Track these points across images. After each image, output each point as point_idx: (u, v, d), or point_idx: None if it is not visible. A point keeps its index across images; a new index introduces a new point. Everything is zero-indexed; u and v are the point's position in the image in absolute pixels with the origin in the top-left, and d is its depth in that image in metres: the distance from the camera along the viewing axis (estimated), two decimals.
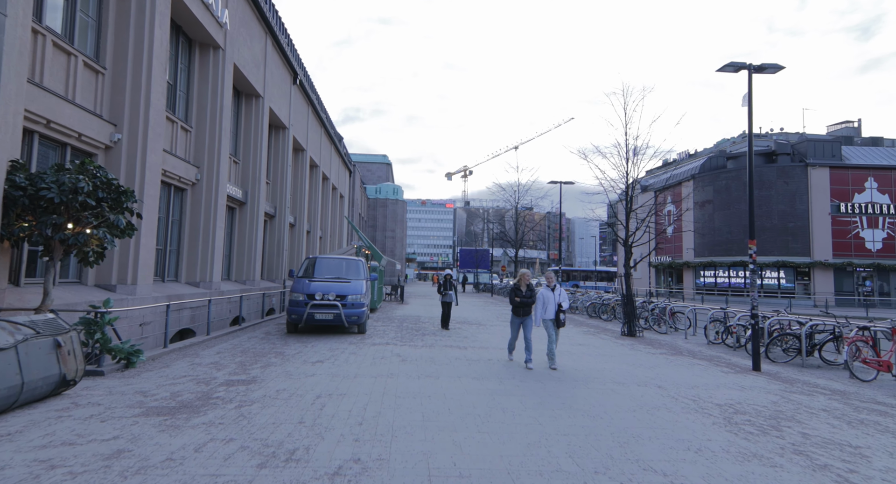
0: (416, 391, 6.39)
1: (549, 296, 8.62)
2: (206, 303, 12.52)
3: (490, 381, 7.22)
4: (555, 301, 8.54)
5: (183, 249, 13.12)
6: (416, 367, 8.15)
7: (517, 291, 8.75)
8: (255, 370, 7.35)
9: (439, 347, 10.53)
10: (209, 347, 9.56)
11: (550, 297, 8.60)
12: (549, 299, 8.59)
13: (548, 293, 8.64)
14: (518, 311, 8.82)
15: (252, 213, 17.23)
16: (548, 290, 8.68)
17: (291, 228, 23.60)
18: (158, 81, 10.52)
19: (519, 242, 29.28)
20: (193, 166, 13.23)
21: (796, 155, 35.90)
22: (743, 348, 11.82)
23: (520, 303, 8.74)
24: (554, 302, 8.54)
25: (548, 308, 8.58)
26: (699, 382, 7.71)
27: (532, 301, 8.74)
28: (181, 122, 12.79)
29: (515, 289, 8.81)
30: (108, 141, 9.60)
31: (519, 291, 8.76)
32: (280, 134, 21.04)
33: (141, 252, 10.06)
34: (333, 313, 11.48)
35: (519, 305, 8.78)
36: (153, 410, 5.11)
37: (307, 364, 7.98)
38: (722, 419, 5.61)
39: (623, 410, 5.85)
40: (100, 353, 6.83)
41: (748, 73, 9.45)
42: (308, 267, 13.04)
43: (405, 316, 17.88)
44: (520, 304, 8.76)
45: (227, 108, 14.35)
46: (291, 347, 9.86)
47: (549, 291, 8.67)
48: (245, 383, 6.46)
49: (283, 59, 20.43)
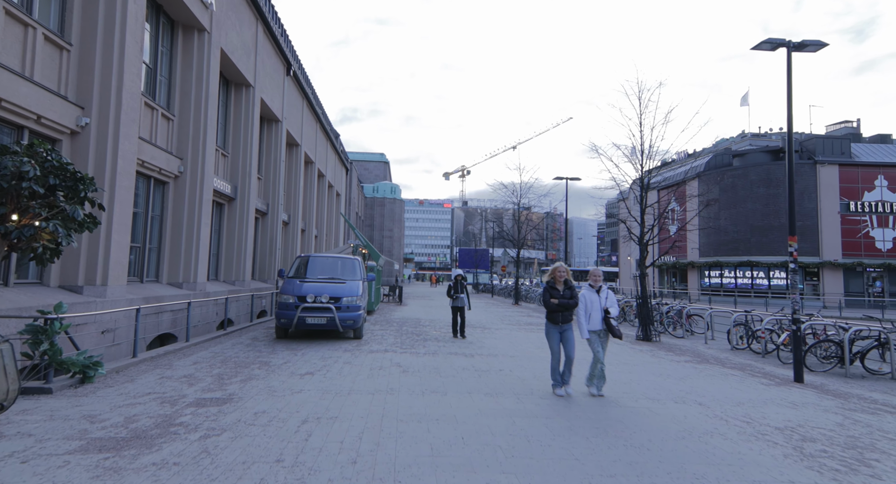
0: (421, 412, 5.41)
1: (592, 299, 6.64)
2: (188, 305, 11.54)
3: (506, 398, 6.24)
4: (600, 306, 6.60)
5: (164, 247, 12.10)
6: (419, 379, 7.17)
7: (552, 291, 6.66)
8: (233, 385, 6.35)
9: (443, 354, 9.55)
10: (186, 355, 8.55)
11: (595, 300, 6.63)
12: (593, 304, 6.62)
13: (591, 295, 6.66)
14: (556, 317, 6.64)
15: (242, 210, 16.21)
16: (591, 291, 6.69)
17: (285, 226, 22.58)
18: (133, 61, 9.51)
19: (521, 241, 28.31)
20: (176, 158, 12.22)
21: (804, 152, 35.03)
22: (772, 355, 10.89)
23: (558, 306, 6.61)
24: (599, 307, 6.60)
25: (591, 315, 6.58)
26: (742, 398, 6.75)
27: (574, 303, 6.60)
28: (162, 109, 11.78)
29: (550, 288, 6.71)
30: (74, 125, 8.59)
31: (555, 290, 6.67)
32: (273, 127, 20.02)
33: (112, 249, 9.05)
34: (327, 317, 10.48)
35: (557, 310, 6.62)
36: (96, 443, 4.11)
37: (294, 377, 6.99)
38: (792, 449, 4.65)
39: (670, 437, 4.88)
40: (48, 367, 5.82)
41: (787, 50, 8.51)
42: (299, 266, 12.03)
43: (404, 319, 16.89)
44: (558, 307, 6.61)
45: (214, 96, 13.34)
46: (279, 355, 8.86)
47: (592, 292, 6.68)
48: (219, 403, 5.47)
49: (276, 48, 19.42)
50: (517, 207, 28.23)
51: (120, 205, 9.25)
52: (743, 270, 35.72)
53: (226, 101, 16.07)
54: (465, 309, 12.47)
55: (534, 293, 29.44)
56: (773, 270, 34.35)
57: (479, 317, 18.30)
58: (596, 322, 6.57)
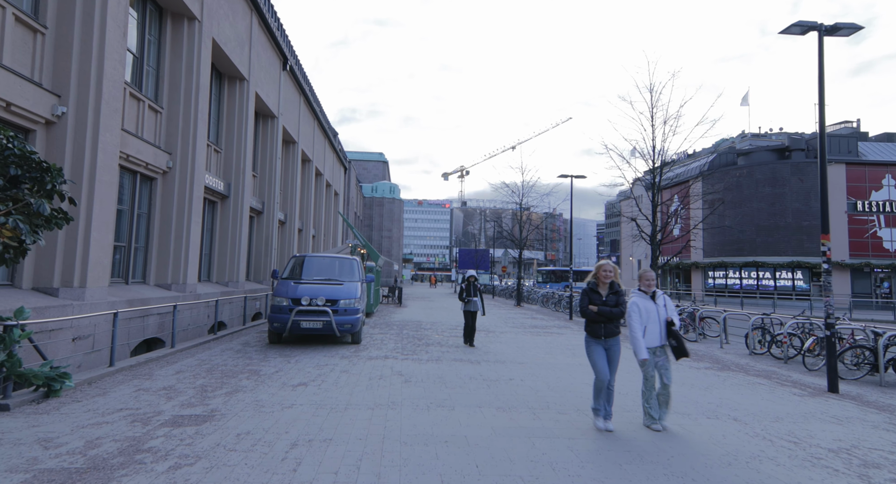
0: (427, 432, 4.77)
1: (648, 308, 5.21)
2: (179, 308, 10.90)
3: (520, 413, 5.61)
4: (659, 316, 5.20)
5: (152, 247, 11.44)
6: (424, 390, 6.53)
7: (593, 295, 5.24)
8: (216, 399, 5.71)
9: (447, 361, 8.92)
10: (170, 363, 7.91)
11: (651, 309, 5.21)
12: (650, 313, 5.19)
13: (645, 303, 5.25)
14: (597, 329, 5.19)
15: (236, 208, 15.55)
16: (644, 297, 5.29)
17: (281, 226, 21.94)
18: (115, 46, 8.87)
19: (523, 241, 27.71)
20: (164, 152, 11.57)
21: (810, 151, 34.47)
22: (794, 361, 10.29)
23: (599, 315, 5.15)
24: (658, 318, 5.19)
25: (648, 328, 5.16)
26: (779, 412, 6.12)
27: (619, 312, 5.18)
28: (150, 101, 11.13)
29: (591, 291, 5.28)
30: (49, 114, 7.93)
31: (597, 294, 5.24)
32: (269, 123, 19.37)
33: (92, 248, 8.40)
34: (323, 321, 9.84)
35: (598, 320, 5.18)
36: (43, 476, 3.47)
37: (286, 389, 6.35)
38: (857, 478, 4.03)
39: (714, 462, 4.26)
40: (6, 380, 5.17)
41: (818, 34, 7.89)
42: (294, 267, 11.39)
43: (404, 321, 16.25)
44: (599, 316, 5.15)
45: (205, 88, 12.69)
46: (270, 362, 8.22)
47: (646, 299, 5.28)
48: (198, 422, 4.82)
49: (272, 41, 18.78)
50: (519, 207, 27.63)
51: (101, 201, 8.60)
52: (748, 271, 35.12)
53: (218, 95, 15.43)
54: (478, 314, 11.17)
55: (535, 295, 28.83)
56: (779, 270, 33.76)
57: (482, 319, 17.66)
58: (654, 336, 5.19)
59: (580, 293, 5.47)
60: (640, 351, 5.09)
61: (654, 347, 5.21)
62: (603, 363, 5.17)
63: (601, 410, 5.19)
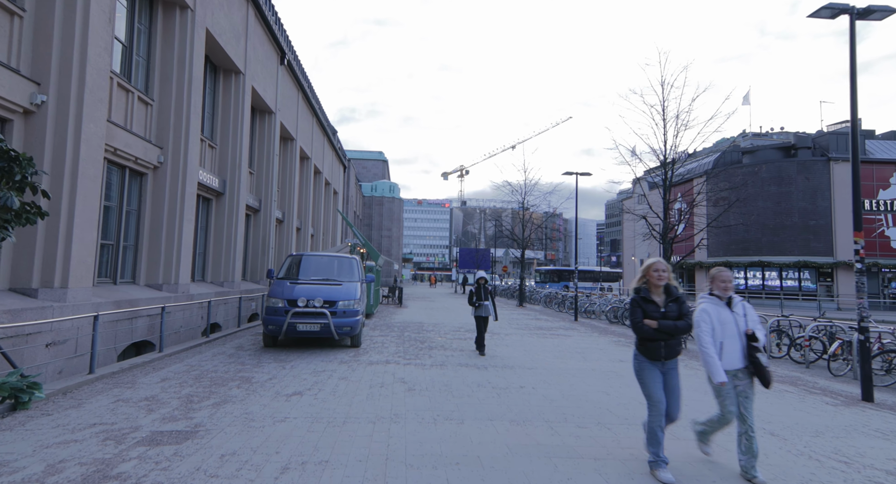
0: (436, 451, 4.26)
1: (723, 317, 3.99)
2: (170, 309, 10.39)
3: (536, 427, 5.10)
4: (739, 329, 3.98)
5: (142, 245, 10.92)
6: (429, 400, 6.02)
7: (647, 305, 4.07)
8: (202, 411, 5.19)
9: (452, 366, 8.41)
10: (156, 369, 7.39)
11: (728, 319, 3.99)
12: (725, 325, 3.98)
13: (719, 311, 4.02)
14: (656, 348, 4.00)
15: (231, 206, 15.04)
16: (718, 305, 4.05)
17: (279, 224, 21.43)
18: (99, 32, 8.35)
19: (525, 241, 27.23)
20: (155, 147, 11.06)
21: (817, 149, 33.96)
22: (816, 365, 9.79)
23: (663, 332, 3.96)
24: (737, 331, 3.97)
25: (725, 346, 3.94)
26: (816, 424, 5.62)
27: (686, 325, 4.01)
28: (139, 92, 10.61)
29: (643, 300, 4.10)
30: (27, 103, 7.42)
31: (651, 304, 4.06)
32: (266, 119, 18.86)
33: (74, 247, 7.88)
34: (320, 324, 9.32)
35: (659, 338, 3.99)
36: None
37: (279, 399, 5.83)
38: None
39: None
40: None
41: (850, 18, 7.39)
42: (291, 266, 10.87)
43: (406, 323, 15.74)
44: (661, 333, 3.97)
45: (198, 80, 12.17)
46: (264, 368, 7.70)
47: (720, 305, 4.04)
48: (178, 439, 4.31)
49: (269, 35, 18.26)
50: (522, 207, 27.15)
51: (84, 195, 8.08)
52: (754, 271, 34.63)
53: (213, 89, 14.91)
54: (490, 319, 10.09)
55: (538, 295, 28.34)
56: (785, 270, 33.25)
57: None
58: (733, 356, 3.94)
59: (629, 304, 4.17)
60: (716, 373, 3.81)
61: (734, 369, 3.95)
62: (661, 393, 3.96)
63: (661, 459, 3.91)
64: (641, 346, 4.11)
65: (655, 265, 4.13)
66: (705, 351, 3.94)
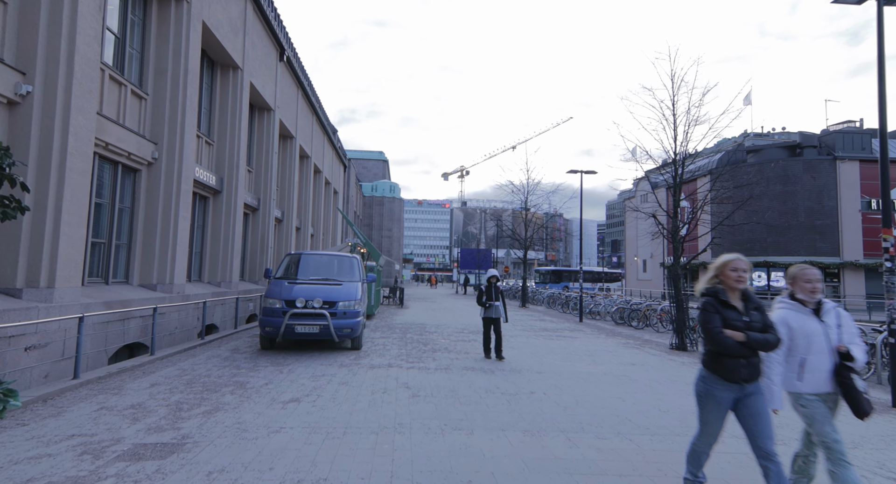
0: (445, 467, 3.89)
1: (808, 328, 3.24)
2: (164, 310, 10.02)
3: (552, 438, 4.72)
4: (827, 343, 3.21)
5: (136, 244, 10.54)
6: (434, 407, 5.64)
7: (726, 310, 3.18)
8: (191, 421, 4.81)
9: (457, 369, 8.03)
10: (146, 374, 7.02)
11: (815, 331, 3.23)
12: (813, 338, 3.22)
13: (804, 321, 3.27)
14: (734, 369, 3.11)
15: (229, 204, 14.68)
16: (802, 312, 3.30)
17: (278, 224, 21.06)
18: (89, 21, 7.99)
19: (528, 241, 26.87)
20: (150, 142, 10.69)
21: (823, 148, 33.58)
22: None
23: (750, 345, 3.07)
24: (826, 345, 3.21)
25: (810, 362, 3.19)
26: (851, 434, 5.22)
27: (777, 339, 3.10)
28: (133, 85, 10.25)
29: (721, 304, 3.21)
30: (12, 93, 7.05)
31: (731, 309, 3.18)
32: (264, 116, 18.49)
33: (61, 245, 7.51)
34: (320, 325, 8.94)
35: (742, 354, 3.09)
36: None
37: (275, 406, 5.46)
38: None
39: None
40: None
41: (878, 4, 7.02)
42: (289, 265, 10.50)
43: (407, 324, 15.36)
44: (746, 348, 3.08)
45: (195, 73, 11.81)
46: (260, 372, 7.33)
47: (805, 315, 3.29)
48: (163, 453, 3.94)
49: (268, 30, 17.91)
50: (524, 207, 26.80)
51: (72, 191, 7.71)
52: (759, 271, 34.24)
53: (211, 84, 14.55)
54: (502, 321, 9.46)
55: (540, 295, 27.96)
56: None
57: None
58: (820, 376, 3.17)
59: (701, 309, 3.23)
60: (774, 398, 3.14)
61: (821, 393, 3.17)
62: (721, 425, 3.23)
63: (698, 476, 3.38)
64: (714, 363, 3.16)
65: (734, 263, 3.23)
66: (772, 370, 3.17)
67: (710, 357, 3.22)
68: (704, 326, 3.19)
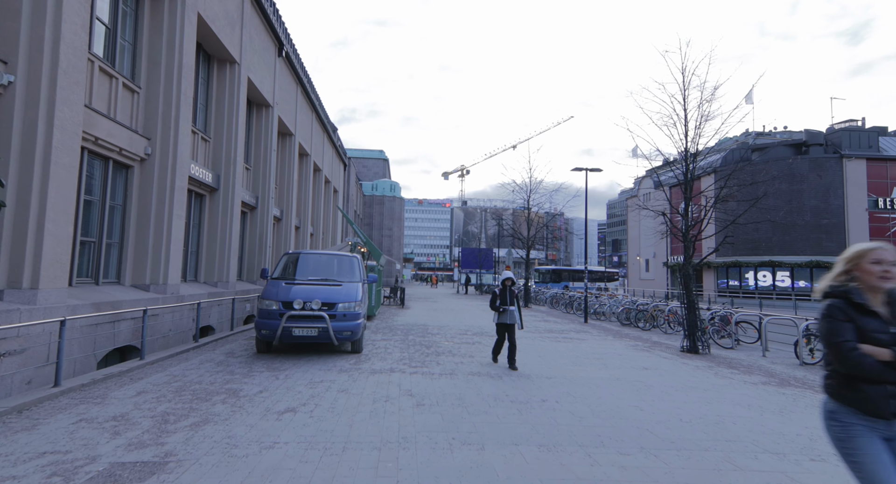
0: None
1: None
2: (157, 311, 9.63)
3: (571, 454, 4.33)
4: None
5: (128, 243, 10.16)
6: (441, 418, 5.25)
7: (865, 318, 2.31)
8: (177, 435, 4.42)
9: (463, 375, 7.64)
10: (133, 380, 6.62)
11: None
12: None
13: None
14: (875, 399, 2.22)
15: (226, 202, 14.28)
16: None
17: (277, 223, 20.67)
18: (75, 8, 7.59)
19: (530, 241, 26.49)
20: (143, 137, 10.30)
21: (829, 146, 33.17)
22: None
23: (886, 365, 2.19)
24: None
25: None
26: None
27: None
28: (125, 78, 9.85)
29: (856, 309, 2.33)
30: None
31: (870, 316, 2.31)
32: (263, 113, 18.09)
33: (46, 243, 7.12)
34: (318, 328, 8.54)
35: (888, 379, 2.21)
36: None
37: (269, 417, 5.06)
38: None
39: None
40: None
41: None
42: (287, 265, 10.10)
43: (409, 325, 14.97)
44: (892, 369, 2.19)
45: (189, 67, 11.42)
46: (255, 378, 6.93)
47: None
48: (141, 475, 3.54)
49: (266, 24, 17.51)
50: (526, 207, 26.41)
51: (57, 187, 7.32)
52: (764, 271, 33.84)
53: (207, 78, 14.16)
54: (516, 327, 8.56)
55: (543, 295, 27.57)
56: (797, 270, 32.45)
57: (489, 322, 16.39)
58: None
59: (826, 316, 2.39)
60: None
61: None
62: (885, 469, 2.19)
63: None
64: (847, 391, 2.30)
65: (876, 253, 2.35)
66: None
67: (839, 382, 2.33)
68: (829, 340, 2.34)
